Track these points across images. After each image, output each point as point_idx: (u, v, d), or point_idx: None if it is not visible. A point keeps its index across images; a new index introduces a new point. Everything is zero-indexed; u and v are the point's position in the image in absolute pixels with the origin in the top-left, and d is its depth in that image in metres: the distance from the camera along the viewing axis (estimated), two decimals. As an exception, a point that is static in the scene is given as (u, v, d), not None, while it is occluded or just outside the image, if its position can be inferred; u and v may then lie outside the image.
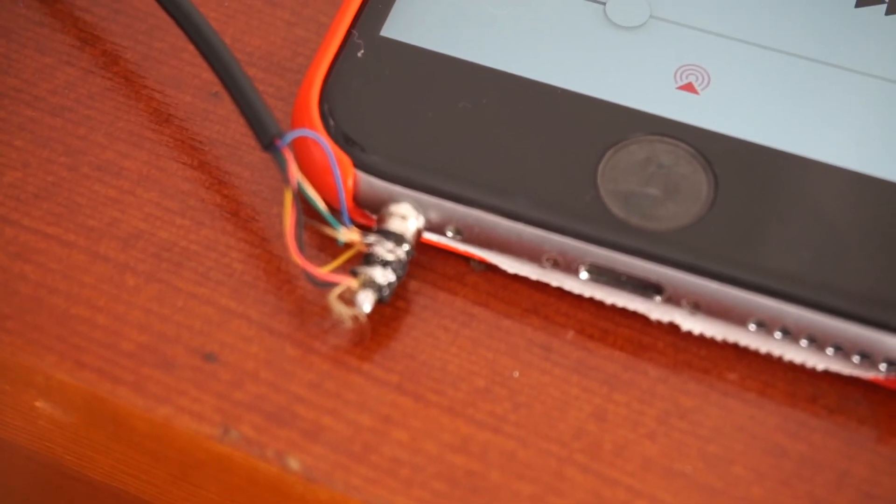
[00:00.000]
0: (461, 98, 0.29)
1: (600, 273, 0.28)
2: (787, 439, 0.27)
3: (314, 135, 0.28)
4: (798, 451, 0.27)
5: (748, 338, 0.27)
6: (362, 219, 0.29)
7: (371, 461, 0.27)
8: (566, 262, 0.28)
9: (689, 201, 0.28)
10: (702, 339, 0.28)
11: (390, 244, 0.28)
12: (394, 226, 0.28)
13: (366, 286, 0.27)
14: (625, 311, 0.28)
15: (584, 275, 0.28)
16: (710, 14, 0.30)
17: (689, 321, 0.28)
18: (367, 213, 0.29)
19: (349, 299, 0.28)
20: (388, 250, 0.28)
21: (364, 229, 0.29)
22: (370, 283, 0.27)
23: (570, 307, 0.28)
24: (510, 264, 0.28)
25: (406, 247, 0.28)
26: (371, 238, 0.28)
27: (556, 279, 0.28)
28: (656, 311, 0.28)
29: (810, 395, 0.27)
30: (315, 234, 0.29)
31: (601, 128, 0.28)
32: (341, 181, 0.28)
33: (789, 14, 0.30)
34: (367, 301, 0.27)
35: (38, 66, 0.31)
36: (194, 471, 0.28)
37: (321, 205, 0.28)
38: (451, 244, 0.28)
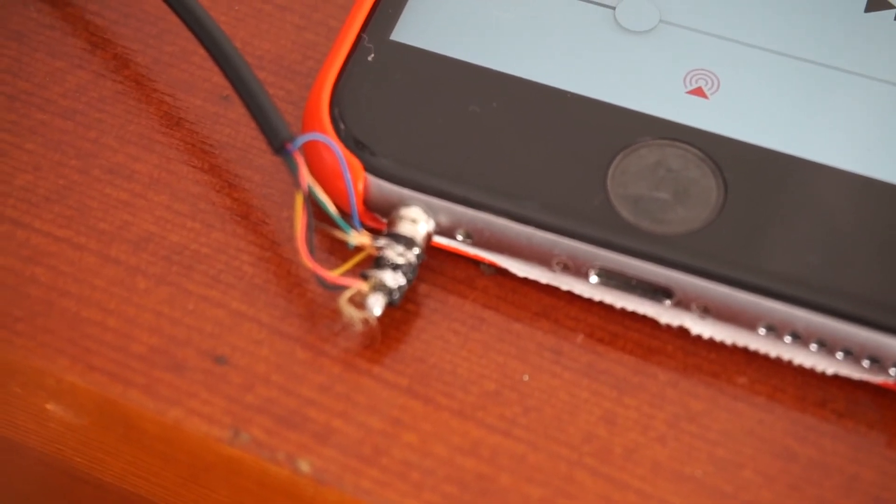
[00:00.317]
0: (471, 102, 0.29)
1: (610, 277, 0.28)
2: (796, 443, 0.27)
3: (325, 138, 0.28)
4: (807, 455, 0.27)
5: (758, 342, 0.27)
6: (373, 222, 0.29)
7: (381, 464, 0.27)
8: (576, 265, 0.28)
9: (699, 205, 0.28)
10: (711, 343, 0.28)
11: (401, 248, 0.28)
12: (404, 229, 0.28)
13: (376, 289, 0.28)
14: (634, 315, 0.28)
15: (593, 279, 0.28)
16: (719, 19, 0.30)
17: (698, 325, 0.28)
18: (377, 217, 0.29)
19: (360, 302, 0.28)
20: (398, 254, 0.28)
21: (374, 233, 0.29)
22: (380, 287, 0.28)
23: (579, 311, 0.28)
24: (520, 268, 0.28)
25: (416, 250, 0.28)
26: (381, 241, 0.28)
27: (565, 283, 0.28)
28: (666, 315, 0.28)
29: (820, 400, 0.27)
30: (325, 237, 0.29)
31: (611, 132, 0.28)
32: (352, 185, 0.28)
33: (799, 19, 0.30)
34: (377, 304, 0.27)
35: (49, 70, 0.31)
36: (204, 473, 0.28)
37: (332, 208, 0.28)
38: (462, 248, 0.29)
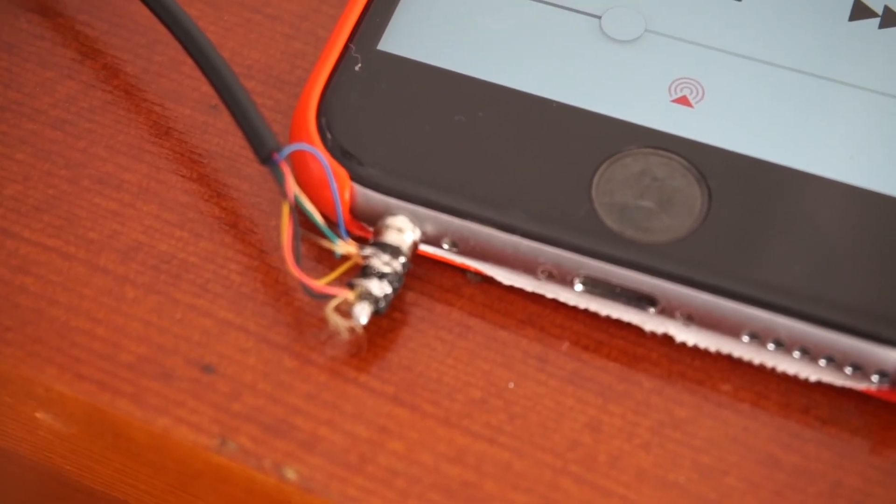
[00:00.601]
0: (457, 111, 0.29)
1: (595, 285, 0.28)
2: (780, 450, 0.27)
3: (311, 148, 0.28)
4: (791, 461, 0.27)
5: (741, 349, 0.28)
6: (359, 231, 0.29)
7: (367, 472, 0.27)
8: (561, 274, 0.28)
9: (683, 214, 0.28)
10: (696, 351, 0.28)
11: (387, 256, 0.28)
12: (390, 238, 0.28)
13: (362, 298, 0.28)
14: (619, 323, 0.29)
15: (578, 287, 0.28)
16: (704, 28, 0.30)
17: (682, 333, 0.28)
18: (364, 226, 0.29)
19: (346, 311, 0.28)
20: (384, 262, 0.28)
21: (361, 241, 0.29)
22: (367, 296, 0.28)
23: (565, 318, 0.29)
24: (506, 276, 0.28)
25: (402, 259, 0.28)
26: (368, 250, 0.28)
27: (551, 291, 0.28)
28: (650, 323, 0.28)
29: (803, 406, 0.28)
30: (313, 245, 0.29)
31: (596, 140, 0.29)
32: (338, 194, 0.28)
33: (783, 28, 0.30)
34: (363, 313, 0.28)
35: (39, 80, 0.32)
36: (192, 481, 0.28)
37: (318, 218, 0.28)
38: (448, 256, 0.29)
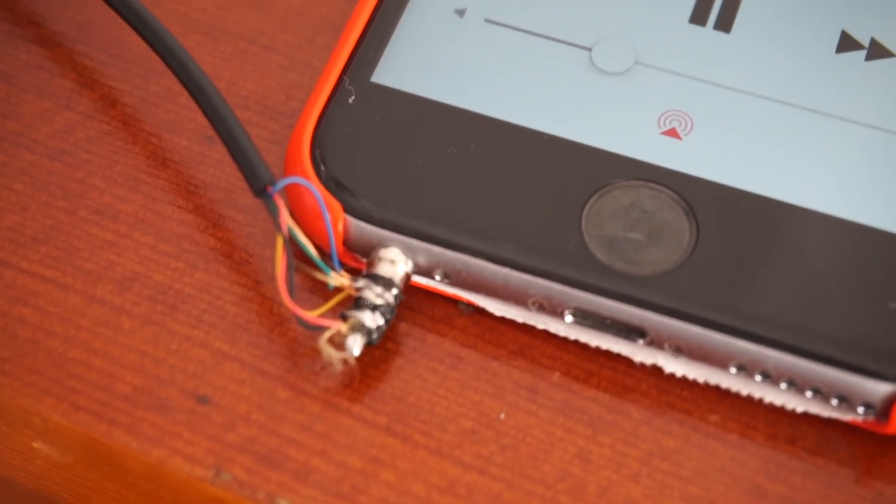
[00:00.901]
0: (449, 143, 0.29)
1: (585, 317, 0.28)
2: (767, 481, 0.27)
3: (305, 182, 0.28)
4: (778, 492, 0.27)
5: (729, 380, 0.28)
6: (352, 262, 0.29)
7: (360, 502, 0.27)
8: (551, 305, 0.28)
9: (672, 246, 0.28)
10: (684, 381, 0.29)
11: (379, 288, 0.28)
12: (383, 270, 0.28)
13: (355, 330, 0.28)
14: (609, 353, 0.29)
15: (569, 318, 0.28)
16: (693, 60, 0.30)
17: (671, 364, 0.28)
18: (357, 257, 0.29)
19: (339, 343, 0.28)
20: (377, 294, 0.28)
21: (354, 272, 0.29)
22: (359, 327, 0.28)
23: (555, 349, 0.29)
24: (497, 307, 0.29)
25: (395, 291, 0.28)
26: (360, 282, 0.28)
27: (541, 322, 0.29)
28: (640, 354, 0.28)
29: (790, 437, 0.28)
30: (306, 277, 0.29)
31: (586, 173, 0.29)
32: (331, 226, 0.29)
33: (771, 60, 0.30)
34: (356, 345, 0.28)
35: (37, 111, 0.32)
36: (188, 511, 0.28)
37: (312, 250, 0.28)
38: (440, 287, 0.29)
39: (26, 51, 0.33)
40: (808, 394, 0.28)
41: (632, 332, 0.28)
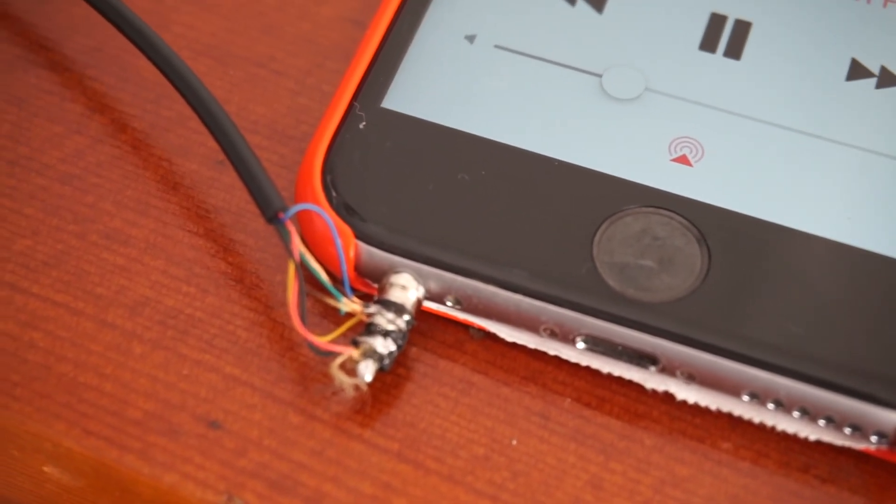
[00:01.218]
0: (460, 170, 0.29)
1: (596, 343, 0.28)
2: (779, 508, 0.28)
3: (316, 208, 0.28)
4: (790, 519, 0.27)
5: (741, 408, 0.28)
6: (364, 287, 0.29)
7: (372, 529, 0.27)
8: (563, 332, 0.28)
9: (684, 273, 0.28)
10: (696, 409, 0.29)
11: (391, 314, 0.28)
12: (394, 296, 0.29)
13: (367, 356, 0.28)
14: (621, 380, 0.29)
15: (580, 344, 0.28)
16: (704, 87, 0.30)
17: (683, 391, 0.28)
18: (368, 283, 0.29)
19: (351, 368, 0.28)
20: (388, 320, 0.28)
21: (366, 298, 0.29)
22: (371, 353, 0.28)
23: (567, 375, 0.29)
24: (509, 333, 0.29)
25: (406, 317, 0.28)
26: (372, 308, 0.28)
27: (553, 348, 0.29)
28: (651, 381, 0.28)
29: (803, 465, 0.28)
30: (318, 302, 0.29)
31: (597, 199, 0.29)
32: (343, 252, 0.29)
33: (781, 87, 0.30)
34: (368, 371, 0.28)
35: (48, 135, 0.32)
36: (199, 536, 0.28)
37: (323, 276, 0.28)
38: (451, 313, 0.29)
39: (36, 75, 0.33)
40: (821, 422, 0.28)
41: (644, 359, 0.28)
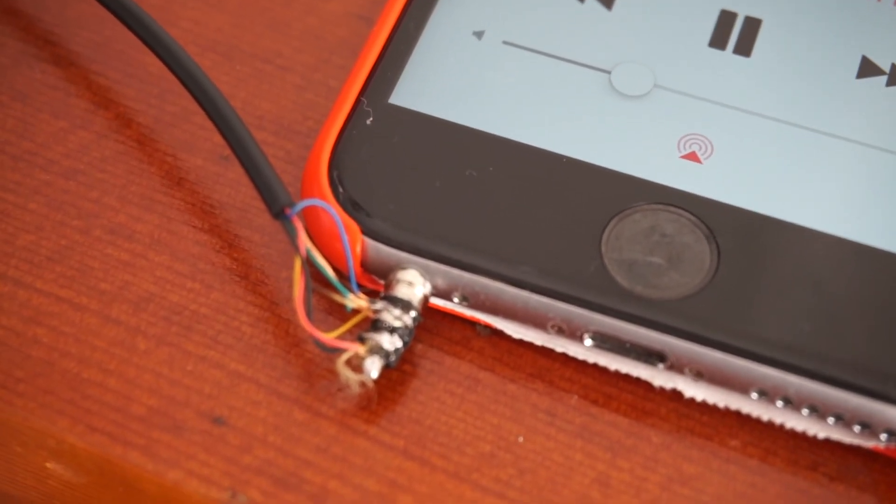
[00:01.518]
0: (468, 166, 0.29)
1: (604, 340, 0.28)
2: (788, 507, 0.27)
3: (323, 204, 0.28)
4: (799, 518, 0.27)
5: (750, 406, 0.28)
6: (370, 283, 0.29)
7: (377, 526, 0.27)
8: (570, 329, 0.28)
9: (693, 271, 0.28)
10: (704, 406, 0.28)
11: (397, 311, 0.28)
12: (401, 292, 0.28)
13: (373, 352, 0.28)
14: (628, 377, 0.29)
15: (588, 342, 0.28)
16: (713, 84, 0.30)
17: (691, 388, 0.28)
18: (375, 279, 0.29)
19: (357, 365, 0.28)
20: (395, 317, 0.28)
21: (372, 294, 0.29)
22: (377, 350, 0.28)
23: (574, 372, 0.29)
24: (515, 330, 0.29)
25: (413, 313, 0.28)
26: (378, 304, 0.28)
27: (560, 345, 0.28)
28: (659, 378, 0.28)
29: (811, 463, 0.28)
30: (323, 298, 0.29)
31: (605, 196, 0.29)
32: (349, 248, 0.28)
33: (791, 84, 0.30)
34: (374, 367, 0.28)
35: (52, 130, 0.32)
36: (203, 533, 0.28)
37: (330, 272, 0.28)
38: (458, 309, 0.29)
39: (41, 70, 0.33)
40: (830, 420, 0.27)
41: (652, 356, 0.28)
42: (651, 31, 0.31)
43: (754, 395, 0.28)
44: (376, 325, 0.28)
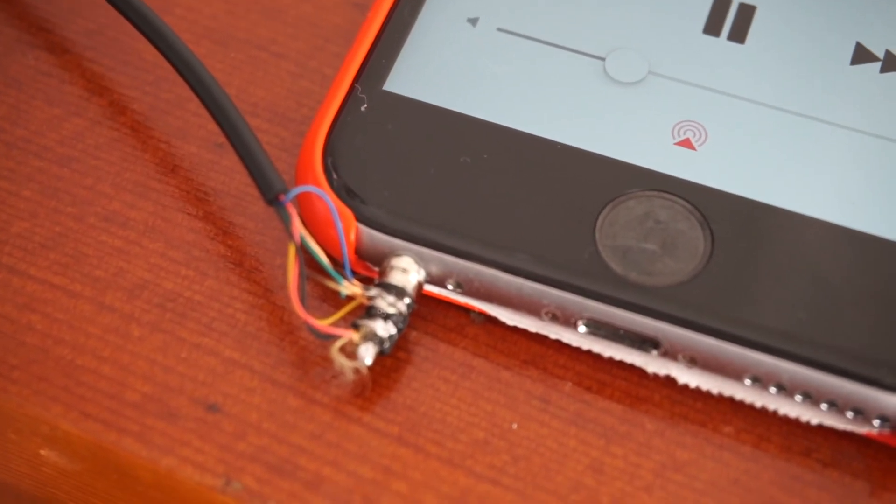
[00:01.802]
0: (462, 152, 0.29)
1: (598, 327, 0.28)
2: (781, 493, 0.27)
3: (317, 190, 0.28)
4: (792, 504, 0.27)
5: (743, 392, 0.28)
6: (364, 270, 0.29)
7: (371, 512, 0.27)
8: (565, 316, 0.28)
9: (687, 257, 0.28)
10: (698, 393, 0.28)
11: (392, 297, 0.28)
12: (395, 279, 0.28)
13: (367, 339, 0.28)
14: (622, 364, 0.29)
15: (582, 328, 0.28)
16: (707, 71, 0.30)
17: (685, 375, 0.28)
18: (369, 266, 0.29)
19: (351, 352, 0.28)
20: (389, 304, 0.28)
21: (366, 281, 0.29)
22: (371, 336, 0.28)
23: (568, 359, 0.29)
24: (509, 317, 0.29)
25: (407, 300, 0.28)
26: (373, 291, 0.28)
27: (554, 332, 0.28)
28: (653, 365, 0.28)
29: (805, 449, 0.28)
30: (318, 285, 0.29)
31: (600, 183, 0.29)
32: (343, 235, 0.28)
33: (786, 71, 0.30)
34: (368, 354, 0.28)
35: (46, 117, 0.32)
36: (197, 520, 0.28)
37: (324, 259, 0.28)
38: (452, 296, 0.29)
39: (35, 57, 0.33)
40: (823, 406, 0.27)
41: (646, 342, 0.28)
42: (645, 17, 0.31)
43: (748, 382, 0.28)
44: (370, 311, 0.28)
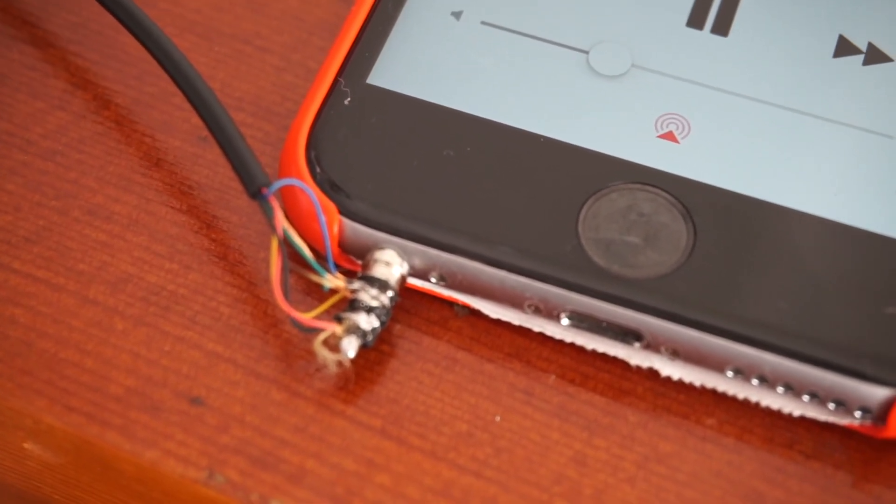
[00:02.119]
0: (445, 146, 0.29)
1: (581, 320, 0.28)
2: (764, 485, 0.27)
3: (300, 184, 0.28)
4: (775, 496, 0.27)
5: (726, 384, 0.28)
6: (348, 264, 0.29)
7: (354, 505, 0.27)
8: (548, 308, 0.28)
9: (669, 250, 0.28)
10: (681, 385, 0.28)
11: (375, 290, 0.28)
12: (378, 272, 0.28)
13: (350, 332, 0.28)
14: (605, 356, 0.29)
15: (565, 321, 0.28)
16: (690, 63, 0.30)
17: (668, 367, 0.28)
18: (352, 259, 0.29)
19: (334, 345, 0.28)
20: (372, 297, 0.28)
21: (349, 274, 0.29)
22: (354, 329, 0.28)
23: (551, 352, 0.29)
24: (493, 310, 0.29)
25: (390, 293, 0.28)
26: (356, 284, 0.28)
27: (537, 325, 0.29)
28: (636, 357, 0.28)
29: (787, 441, 0.28)
30: (301, 278, 0.29)
31: (583, 176, 0.29)
32: (327, 228, 0.28)
33: (769, 64, 0.30)
34: (351, 347, 0.28)
35: (30, 111, 0.32)
36: (180, 513, 0.28)
37: (307, 252, 0.28)
38: (436, 289, 0.29)
39: (19, 51, 0.33)
40: (806, 398, 0.27)
41: (628, 335, 0.28)
42: (629, 10, 0.31)
43: (730, 374, 0.28)
44: (353, 304, 0.28)
